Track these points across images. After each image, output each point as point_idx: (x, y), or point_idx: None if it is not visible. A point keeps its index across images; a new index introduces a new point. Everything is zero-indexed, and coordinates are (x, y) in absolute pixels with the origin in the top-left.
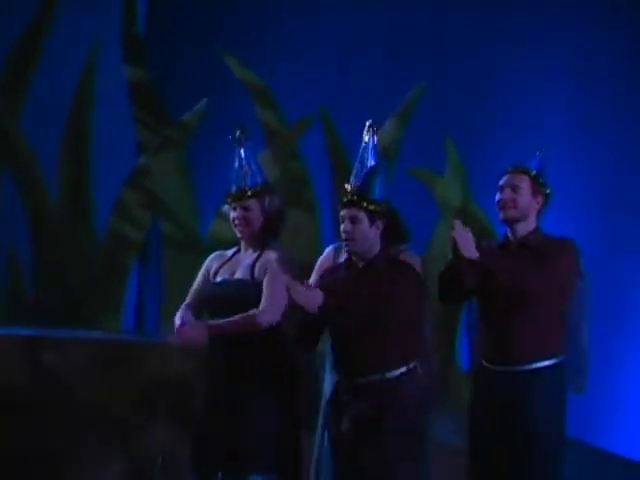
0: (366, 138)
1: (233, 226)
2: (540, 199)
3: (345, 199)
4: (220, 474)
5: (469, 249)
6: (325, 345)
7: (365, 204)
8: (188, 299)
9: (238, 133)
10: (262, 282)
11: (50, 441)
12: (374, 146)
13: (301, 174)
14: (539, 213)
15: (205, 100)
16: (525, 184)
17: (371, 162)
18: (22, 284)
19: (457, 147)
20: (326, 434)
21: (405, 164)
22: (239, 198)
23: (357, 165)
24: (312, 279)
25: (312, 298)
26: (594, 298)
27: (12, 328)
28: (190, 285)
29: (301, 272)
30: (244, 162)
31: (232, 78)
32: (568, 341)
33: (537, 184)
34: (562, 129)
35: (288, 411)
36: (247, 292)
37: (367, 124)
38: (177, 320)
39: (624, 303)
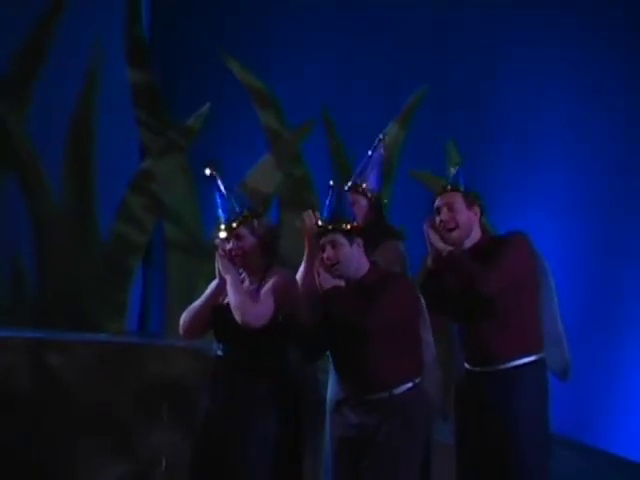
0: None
1: (233, 259)
2: (476, 209)
3: (320, 228)
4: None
5: (441, 245)
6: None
7: (339, 226)
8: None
9: (209, 171)
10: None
11: (53, 442)
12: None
13: (304, 177)
14: (480, 223)
15: (208, 104)
16: (459, 200)
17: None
18: (26, 286)
19: (458, 149)
20: (329, 439)
21: (407, 166)
22: (229, 230)
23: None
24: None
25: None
26: (594, 302)
27: (16, 330)
28: (193, 287)
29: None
30: (224, 195)
31: (235, 82)
32: (545, 330)
33: (469, 197)
34: (562, 131)
35: (290, 427)
36: None
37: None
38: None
39: (623, 307)
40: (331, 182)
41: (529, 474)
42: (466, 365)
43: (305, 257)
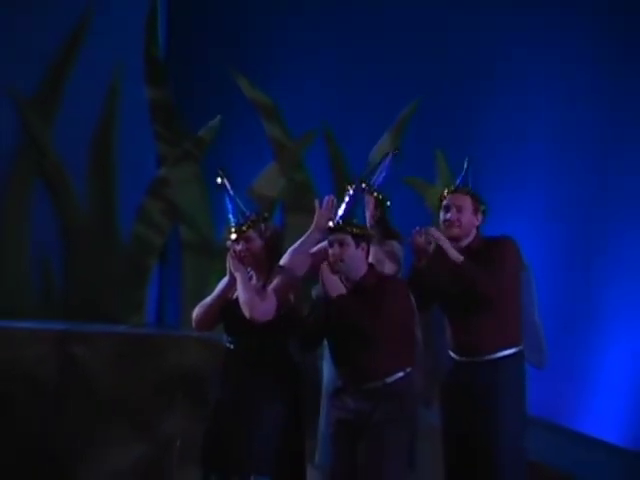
0: (387, 158)
1: (241, 259)
2: (479, 216)
3: (333, 226)
4: (225, 473)
5: (454, 253)
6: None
7: (350, 229)
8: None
9: (220, 178)
10: None
11: (78, 425)
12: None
13: (305, 182)
14: (478, 228)
15: (219, 117)
16: (467, 203)
17: (376, 182)
18: (54, 284)
19: (446, 158)
20: (327, 421)
21: (400, 173)
22: (239, 233)
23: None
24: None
25: (336, 287)
26: (569, 297)
27: (45, 322)
28: (205, 284)
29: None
30: (233, 201)
31: (243, 97)
32: (524, 325)
33: (477, 202)
34: (543, 141)
35: (292, 414)
36: None
37: (391, 153)
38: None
39: (593, 301)
40: (363, 184)
41: (509, 452)
42: (453, 355)
43: (307, 235)
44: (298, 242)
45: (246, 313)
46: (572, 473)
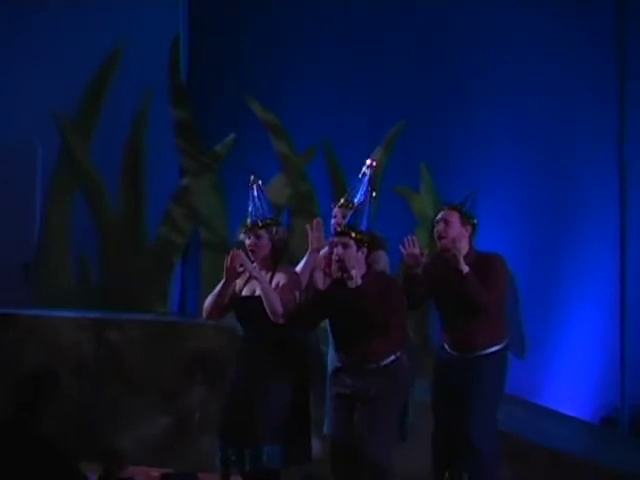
0: (366, 172)
1: (248, 251)
2: (469, 228)
3: (338, 229)
4: (239, 445)
5: (464, 266)
6: (327, 325)
7: (353, 234)
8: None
9: (252, 178)
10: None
11: (112, 401)
12: (369, 181)
13: (308, 192)
14: (470, 239)
15: (233, 135)
16: (455, 218)
17: (361, 196)
18: (92, 278)
19: (430, 170)
20: (329, 397)
21: (389, 183)
22: (252, 229)
23: (351, 190)
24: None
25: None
26: (538, 295)
27: (84, 312)
28: (221, 278)
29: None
30: (256, 201)
31: (254, 117)
32: (510, 324)
33: (465, 216)
34: (513, 153)
35: (300, 391)
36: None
37: (368, 161)
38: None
39: (559, 299)
40: (374, 193)
41: (488, 433)
42: (447, 349)
43: (307, 255)
44: (300, 265)
45: (273, 314)
46: (533, 441)
